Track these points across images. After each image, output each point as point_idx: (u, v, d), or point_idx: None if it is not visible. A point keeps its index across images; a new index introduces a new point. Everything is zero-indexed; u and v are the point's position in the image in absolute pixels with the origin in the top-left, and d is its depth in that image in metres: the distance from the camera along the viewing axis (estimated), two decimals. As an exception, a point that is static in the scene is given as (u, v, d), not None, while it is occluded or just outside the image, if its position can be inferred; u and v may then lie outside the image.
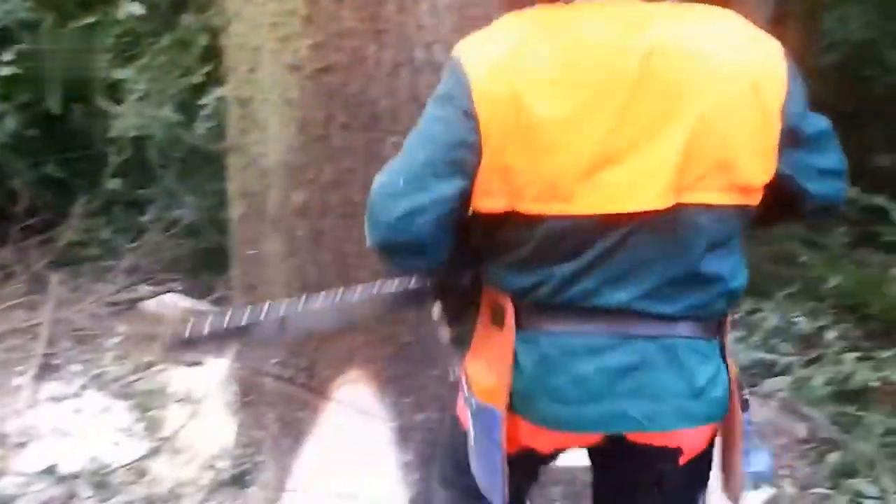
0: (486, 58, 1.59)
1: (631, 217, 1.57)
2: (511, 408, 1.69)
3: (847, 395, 3.70)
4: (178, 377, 3.79)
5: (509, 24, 1.63)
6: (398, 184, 1.62)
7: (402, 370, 2.77)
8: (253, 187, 2.88)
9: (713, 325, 1.70)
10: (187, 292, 4.91)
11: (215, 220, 4.97)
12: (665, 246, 1.60)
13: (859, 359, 3.89)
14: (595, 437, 1.73)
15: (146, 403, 3.62)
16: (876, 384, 3.68)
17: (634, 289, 1.61)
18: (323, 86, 2.62)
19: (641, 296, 1.62)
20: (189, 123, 4.78)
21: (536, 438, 1.74)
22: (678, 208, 1.57)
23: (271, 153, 2.77)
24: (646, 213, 1.56)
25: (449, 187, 1.59)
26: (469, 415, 1.77)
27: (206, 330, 1.84)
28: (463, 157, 1.58)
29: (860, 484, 3.12)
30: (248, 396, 3.05)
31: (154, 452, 3.31)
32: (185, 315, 4.64)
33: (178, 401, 3.60)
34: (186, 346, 1.88)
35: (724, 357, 1.72)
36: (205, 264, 5.11)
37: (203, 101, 4.57)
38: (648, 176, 1.55)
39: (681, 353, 1.65)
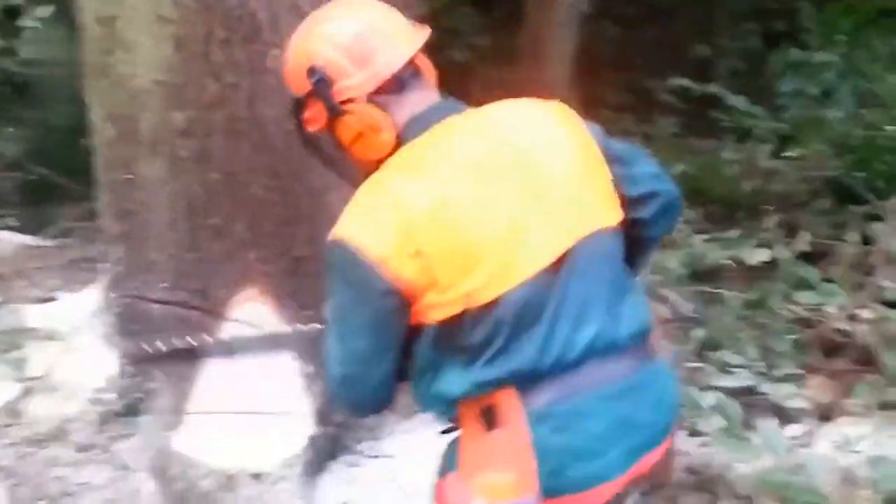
0: (378, 235, 1.68)
1: (559, 261, 1.74)
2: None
3: (701, 275, 4.02)
4: (34, 315, 3.61)
5: (379, 186, 1.74)
6: (355, 375, 1.81)
7: (298, 284, 2.79)
8: (122, 110, 2.78)
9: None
10: (21, 229, 4.65)
11: (40, 153, 4.72)
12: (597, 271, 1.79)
13: (708, 240, 4.23)
14: (623, 481, 1.81)
15: (5, 343, 3.46)
16: (727, 262, 4.01)
17: (598, 319, 1.77)
18: (200, 1, 2.54)
19: (607, 322, 1.78)
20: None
21: None
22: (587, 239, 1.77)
23: (143, 73, 2.68)
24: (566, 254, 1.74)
25: (397, 346, 1.77)
26: None
27: None
28: (399, 321, 1.74)
29: (726, 355, 3.44)
30: (133, 325, 2.98)
31: (27, 393, 3.18)
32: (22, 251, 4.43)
33: (41, 338, 3.45)
34: None
35: None
36: (34, 199, 4.85)
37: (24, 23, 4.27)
38: (555, 224, 1.75)
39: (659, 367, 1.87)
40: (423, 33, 1.88)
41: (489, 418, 1.77)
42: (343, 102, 1.79)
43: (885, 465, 2.64)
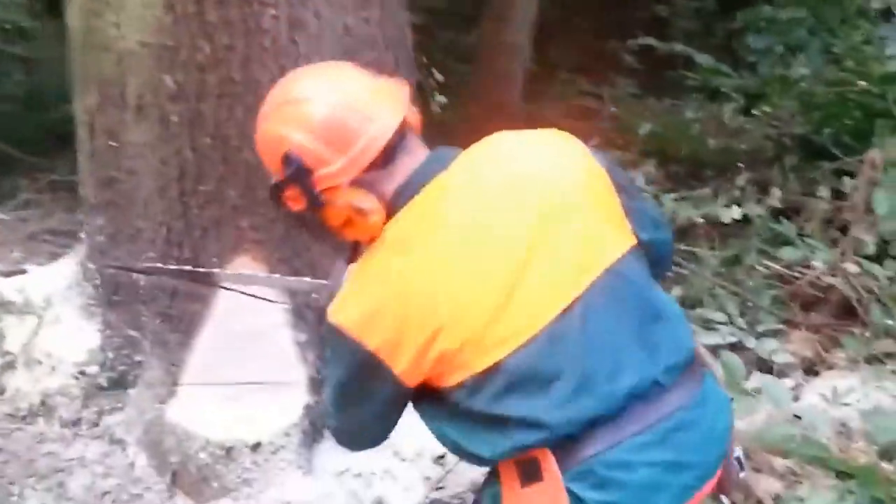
0: (379, 326, 1.63)
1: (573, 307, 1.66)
2: None
3: (674, 233, 4.03)
4: (5, 288, 3.50)
5: (375, 271, 1.68)
6: (353, 432, 1.87)
7: (292, 251, 2.73)
8: (108, 74, 2.67)
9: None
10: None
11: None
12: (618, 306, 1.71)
13: (677, 199, 4.25)
14: None
15: (-23, 318, 3.35)
16: (700, 220, 4.04)
17: (634, 363, 1.69)
18: (190, -42, 2.45)
19: (644, 362, 1.70)
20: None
21: None
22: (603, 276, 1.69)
23: (130, 35, 2.58)
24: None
25: (400, 410, 1.79)
26: None
27: None
28: (403, 397, 1.74)
29: (707, 312, 3.46)
30: (117, 295, 2.90)
31: (7, 367, 3.09)
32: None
33: (16, 312, 3.35)
34: None
35: None
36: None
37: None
38: (564, 269, 1.68)
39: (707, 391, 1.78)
40: (404, 92, 1.75)
41: (526, 473, 1.71)
42: (325, 191, 1.67)
43: (879, 417, 2.70)
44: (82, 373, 2.94)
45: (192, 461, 2.60)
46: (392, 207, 1.71)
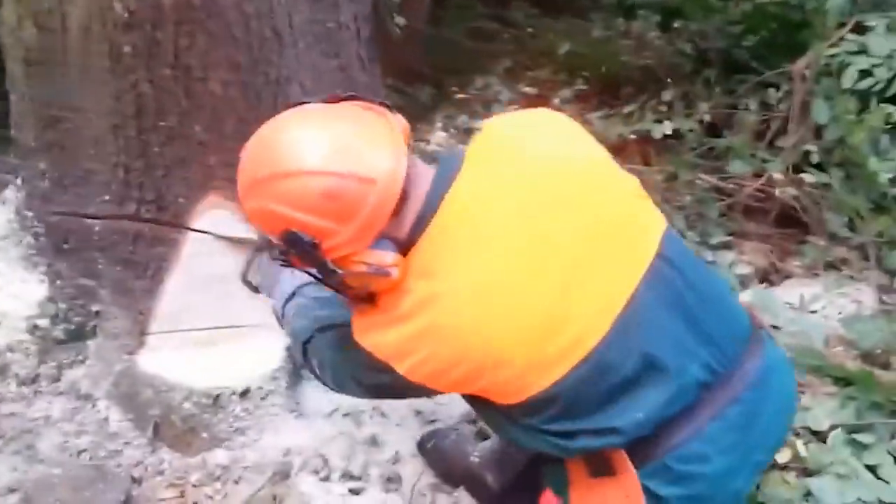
0: (425, 367, 1.58)
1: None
2: None
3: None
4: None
5: (412, 309, 1.57)
6: (352, 391, 1.86)
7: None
8: (47, 4, 2.45)
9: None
10: None
11: None
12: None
13: (603, 117, 4.26)
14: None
15: None
16: (631, 137, 4.06)
17: (694, 351, 1.66)
18: None
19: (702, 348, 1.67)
20: None
21: None
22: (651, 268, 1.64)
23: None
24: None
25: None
26: None
27: None
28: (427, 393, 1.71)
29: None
30: (68, 244, 2.71)
31: (-56, 327, 2.86)
32: None
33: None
34: None
35: None
36: None
37: None
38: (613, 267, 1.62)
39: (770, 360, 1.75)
40: (398, 124, 1.62)
41: (596, 467, 1.69)
42: (337, 260, 1.56)
43: (859, 323, 2.78)
44: (35, 326, 2.74)
45: (176, 413, 2.48)
46: (411, 239, 1.59)
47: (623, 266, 1.63)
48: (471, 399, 1.73)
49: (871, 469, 2.28)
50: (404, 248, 1.59)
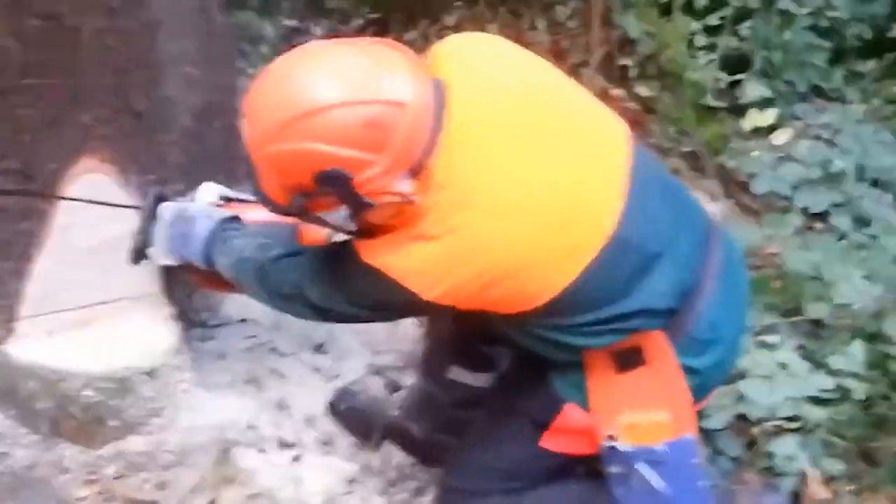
0: (447, 284, 1.63)
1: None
2: None
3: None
4: None
5: (435, 230, 1.62)
6: (309, 315, 1.92)
7: (142, 145, 2.35)
8: None
9: None
10: None
11: None
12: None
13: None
14: None
15: None
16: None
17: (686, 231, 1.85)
18: None
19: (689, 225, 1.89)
20: None
21: None
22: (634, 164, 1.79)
23: None
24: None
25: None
26: (629, 466, 1.83)
27: None
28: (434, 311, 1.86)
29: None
30: None
31: None
32: None
33: None
34: None
35: None
36: None
37: None
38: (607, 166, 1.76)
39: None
40: (403, 49, 1.65)
41: (623, 361, 1.79)
42: (367, 193, 1.56)
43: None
44: None
45: (75, 403, 2.23)
46: (422, 162, 1.61)
47: (613, 154, 1.76)
48: (478, 318, 1.78)
49: (783, 367, 2.55)
50: (416, 171, 1.60)
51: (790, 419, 2.46)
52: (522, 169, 1.65)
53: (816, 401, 2.52)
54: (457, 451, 2.14)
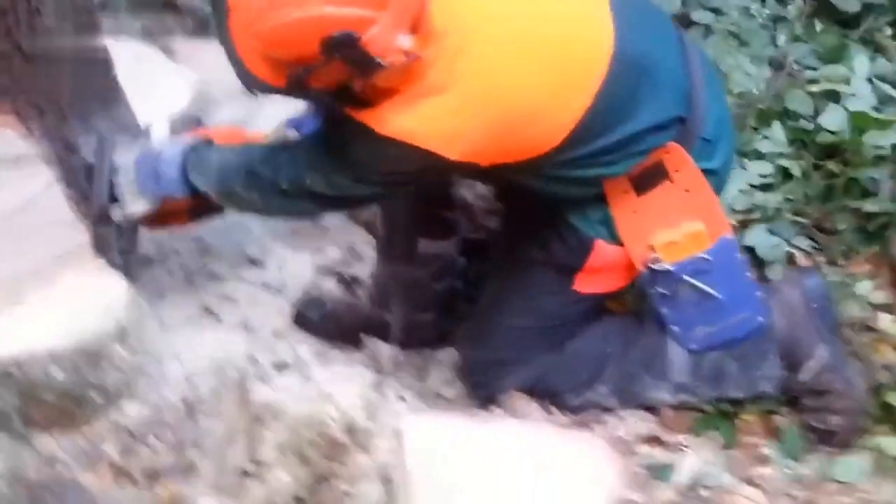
0: (463, 138, 1.63)
1: None
2: None
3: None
4: None
5: (447, 80, 1.60)
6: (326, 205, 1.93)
7: (46, 87, 2.04)
8: None
9: None
10: None
11: None
12: None
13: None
14: None
15: None
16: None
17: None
18: None
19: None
20: None
21: None
22: None
23: None
24: None
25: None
26: (675, 282, 1.86)
27: None
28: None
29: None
30: None
31: None
32: None
33: None
34: None
35: None
36: None
37: None
38: None
39: None
40: None
41: (642, 182, 1.81)
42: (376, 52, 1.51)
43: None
44: None
45: (39, 390, 1.93)
46: (422, 11, 1.59)
47: None
48: (494, 175, 1.78)
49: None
50: (415, 27, 1.58)
51: (749, 211, 2.50)
52: (517, 5, 1.67)
53: (764, 187, 2.57)
54: (477, 323, 2.06)
